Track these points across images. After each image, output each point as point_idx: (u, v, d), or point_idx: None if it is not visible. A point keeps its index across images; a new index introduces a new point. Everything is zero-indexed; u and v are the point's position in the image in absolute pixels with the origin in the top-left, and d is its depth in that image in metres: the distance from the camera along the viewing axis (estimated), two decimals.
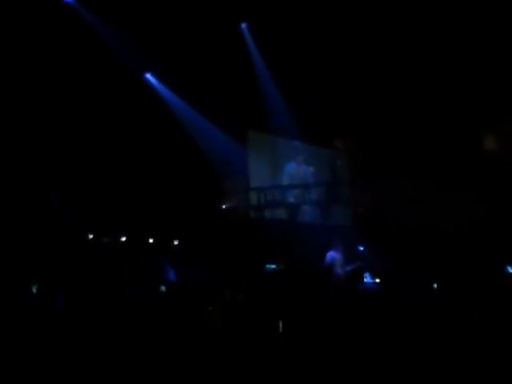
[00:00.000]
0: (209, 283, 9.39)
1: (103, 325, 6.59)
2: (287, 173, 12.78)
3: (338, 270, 10.46)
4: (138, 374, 5.66)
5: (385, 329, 6.86)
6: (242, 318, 6.93)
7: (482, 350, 5.93)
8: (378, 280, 9.87)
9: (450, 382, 5.58)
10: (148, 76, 12.17)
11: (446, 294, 9.09)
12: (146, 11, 11.28)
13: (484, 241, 10.79)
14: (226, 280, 9.65)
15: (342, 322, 6.99)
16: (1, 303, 7.30)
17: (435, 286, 9.82)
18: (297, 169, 12.68)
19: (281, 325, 6.39)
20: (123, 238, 11.69)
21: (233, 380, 5.64)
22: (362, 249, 11.38)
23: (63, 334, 6.29)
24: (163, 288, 9.39)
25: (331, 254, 10.57)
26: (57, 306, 7.93)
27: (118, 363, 5.78)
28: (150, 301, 8.38)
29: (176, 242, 12.17)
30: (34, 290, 8.72)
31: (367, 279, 9.78)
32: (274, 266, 10.36)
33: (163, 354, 6.01)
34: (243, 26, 12.19)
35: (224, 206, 12.82)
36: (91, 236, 11.32)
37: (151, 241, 12.09)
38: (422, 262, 10.65)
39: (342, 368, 5.78)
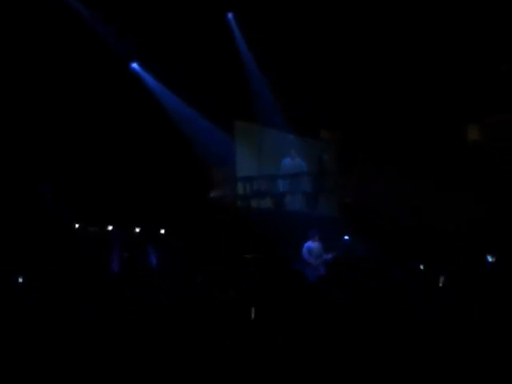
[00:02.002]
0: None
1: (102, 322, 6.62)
2: (284, 168, 12.85)
3: (312, 259, 10.56)
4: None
5: (369, 317, 6.88)
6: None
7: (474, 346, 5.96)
8: None
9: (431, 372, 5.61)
10: (135, 66, 12.17)
11: (436, 285, 9.13)
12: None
13: (470, 230, 10.84)
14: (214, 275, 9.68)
15: (325, 310, 7.03)
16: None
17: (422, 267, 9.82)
18: (291, 163, 12.76)
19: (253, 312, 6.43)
20: (110, 227, 11.73)
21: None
22: (346, 238, 11.41)
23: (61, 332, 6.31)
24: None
25: (308, 245, 10.67)
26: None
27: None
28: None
29: (162, 231, 12.18)
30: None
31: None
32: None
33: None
34: (230, 15, 12.18)
35: (211, 195, 12.88)
36: (77, 225, 11.37)
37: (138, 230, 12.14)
38: (410, 251, 10.71)
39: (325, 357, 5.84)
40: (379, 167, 11.86)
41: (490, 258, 9.90)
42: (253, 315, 6.33)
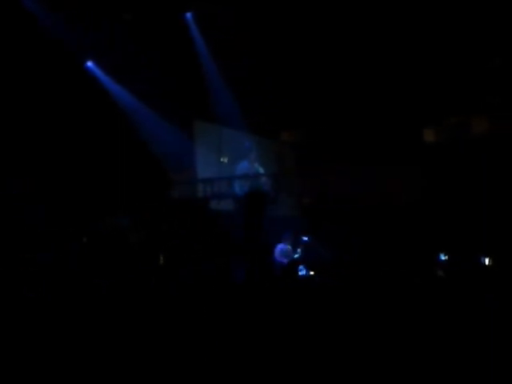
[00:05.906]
0: None
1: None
2: (240, 171, 12.69)
3: (284, 260, 10.63)
4: None
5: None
6: None
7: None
8: (312, 272, 9.91)
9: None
10: (90, 65, 11.99)
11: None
12: None
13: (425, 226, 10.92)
14: None
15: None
16: None
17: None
18: (248, 167, 12.61)
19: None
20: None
21: None
22: (305, 239, 11.39)
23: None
24: None
25: (281, 247, 10.71)
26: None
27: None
28: None
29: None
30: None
31: (302, 272, 9.82)
32: None
33: None
34: (188, 15, 12.07)
35: (171, 197, 12.76)
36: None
37: None
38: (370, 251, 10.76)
39: None
40: (338, 168, 11.88)
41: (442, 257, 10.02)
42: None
